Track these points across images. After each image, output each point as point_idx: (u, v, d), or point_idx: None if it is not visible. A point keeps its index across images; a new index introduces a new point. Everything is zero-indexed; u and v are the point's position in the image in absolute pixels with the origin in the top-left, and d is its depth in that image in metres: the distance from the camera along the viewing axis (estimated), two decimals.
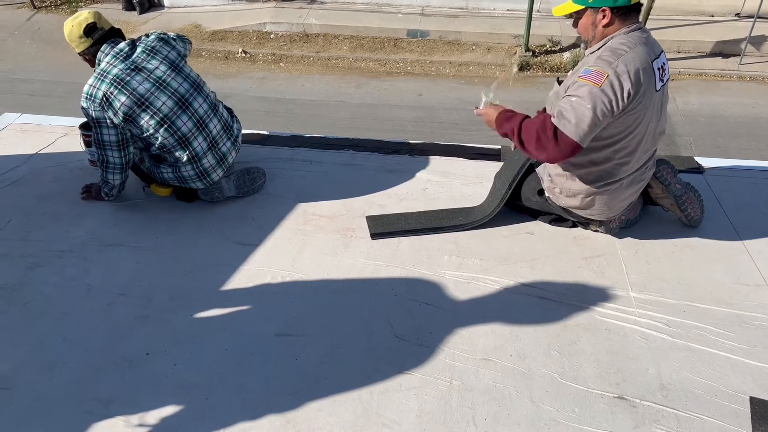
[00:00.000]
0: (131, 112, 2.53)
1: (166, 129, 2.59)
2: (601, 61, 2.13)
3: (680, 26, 10.31)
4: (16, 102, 9.18)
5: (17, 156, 3.19)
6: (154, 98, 2.56)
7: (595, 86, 2.09)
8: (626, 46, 2.14)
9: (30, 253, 2.55)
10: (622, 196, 2.38)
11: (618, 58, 2.11)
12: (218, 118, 2.78)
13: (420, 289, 2.33)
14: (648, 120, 2.24)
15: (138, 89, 2.53)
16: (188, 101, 2.65)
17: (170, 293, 2.34)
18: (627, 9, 2.17)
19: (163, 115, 2.57)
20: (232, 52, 10.97)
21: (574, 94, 2.13)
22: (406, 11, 11.54)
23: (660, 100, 2.27)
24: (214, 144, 2.75)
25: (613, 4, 2.15)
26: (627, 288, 2.31)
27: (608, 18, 2.17)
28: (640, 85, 2.12)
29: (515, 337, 2.12)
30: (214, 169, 2.78)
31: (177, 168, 2.71)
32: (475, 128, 8.49)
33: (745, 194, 2.82)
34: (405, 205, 2.81)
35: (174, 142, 2.63)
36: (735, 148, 7.89)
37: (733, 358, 2.02)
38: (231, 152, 2.85)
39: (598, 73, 2.11)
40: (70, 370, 2.03)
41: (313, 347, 2.09)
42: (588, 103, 2.09)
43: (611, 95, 2.09)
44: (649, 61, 2.15)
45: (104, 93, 2.51)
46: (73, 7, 12.56)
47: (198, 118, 2.67)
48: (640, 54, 2.14)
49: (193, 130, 2.66)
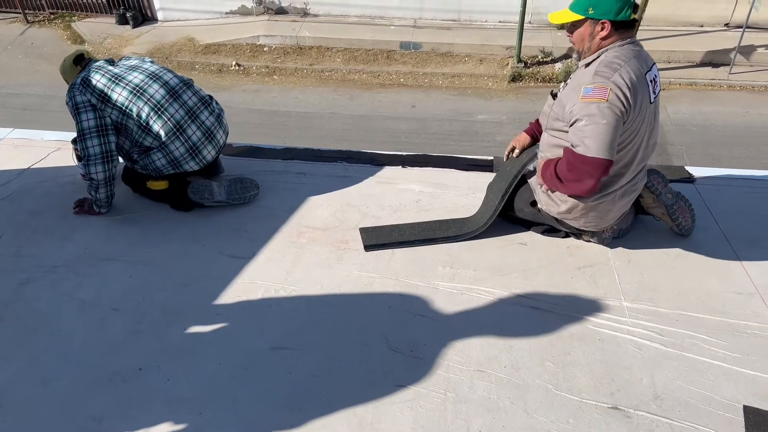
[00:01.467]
0: (107, 89, 2.67)
1: (139, 97, 2.69)
2: (598, 77, 2.15)
3: (670, 36, 10.43)
4: (9, 116, 9.18)
5: (9, 171, 3.19)
6: (127, 74, 2.75)
7: (602, 101, 2.11)
8: (620, 60, 2.17)
9: (22, 268, 2.54)
10: (615, 206, 2.39)
11: (614, 72, 2.13)
12: (192, 92, 2.86)
13: (414, 300, 2.34)
14: (643, 132, 2.26)
15: (112, 70, 2.76)
16: (158, 75, 2.80)
17: (163, 307, 2.33)
18: (625, 24, 2.19)
19: (135, 85, 2.71)
20: (226, 65, 11.01)
21: (584, 116, 2.15)
22: (398, 23, 11.62)
23: (653, 111, 2.30)
24: (193, 115, 2.80)
25: (614, 18, 2.16)
26: (620, 298, 2.32)
27: (607, 31, 2.19)
28: (636, 98, 2.14)
29: (509, 347, 2.12)
30: (204, 144, 2.82)
31: (167, 150, 2.75)
32: (467, 139, 8.53)
33: (736, 203, 2.84)
34: (398, 217, 2.81)
35: (150, 111, 2.69)
36: (727, 156, 7.96)
37: (727, 367, 2.02)
38: (217, 128, 2.89)
39: (601, 89, 2.12)
40: (63, 385, 2.01)
41: (307, 360, 2.09)
42: (601, 119, 2.11)
43: (619, 105, 2.11)
44: (643, 74, 2.18)
45: (83, 78, 2.71)
46: (67, 21, 12.58)
47: (170, 88, 2.78)
48: (634, 67, 2.16)
49: (167, 97, 2.75)
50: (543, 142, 2.51)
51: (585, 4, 2.20)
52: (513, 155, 2.73)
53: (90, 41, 11.84)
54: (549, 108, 2.43)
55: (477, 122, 9.06)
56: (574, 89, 2.24)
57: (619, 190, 2.35)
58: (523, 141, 2.71)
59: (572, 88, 2.26)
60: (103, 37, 11.90)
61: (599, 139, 2.13)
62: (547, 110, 2.46)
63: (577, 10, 2.22)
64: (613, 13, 2.16)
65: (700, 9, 10.45)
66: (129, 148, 2.80)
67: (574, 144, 2.20)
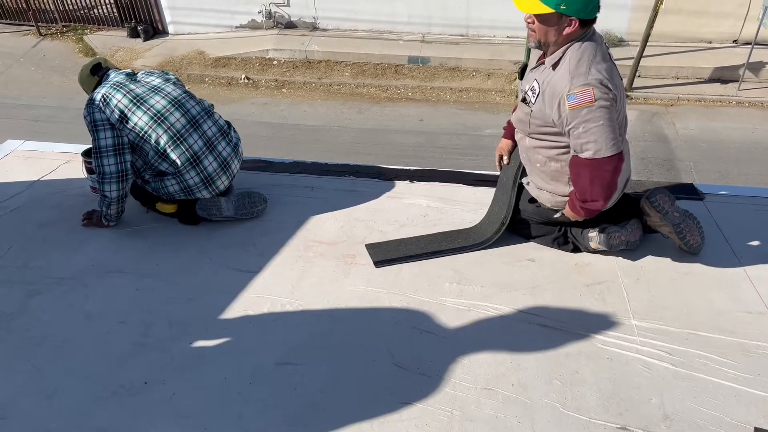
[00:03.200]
0: (127, 111, 2.64)
1: (159, 125, 2.67)
2: (576, 81, 2.16)
3: (679, 53, 10.42)
4: (21, 127, 9.27)
5: (19, 183, 3.21)
6: (149, 97, 2.71)
7: (591, 105, 2.14)
8: (588, 54, 2.19)
9: (30, 280, 2.54)
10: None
11: (589, 67, 2.17)
12: (212, 121, 2.84)
13: (421, 316, 2.32)
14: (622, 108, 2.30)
15: (134, 90, 2.71)
16: (181, 102, 2.76)
17: (170, 320, 2.33)
18: (590, 22, 2.22)
19: (156, 111, 2.67)
20: (235, 78, 11.09)
21: (580, 123, 2.17)
22: (407, 38, 11.68)
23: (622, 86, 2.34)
24: (211, 146, 2.78)
25: (582, 16, 2.17)
26: (629, 316, 2.30)
27: (574, 28, 2.18)
28: (615, 82, 2.20)
29: (517, 366, 2.10)
30: (219, 175, 2.81)
31: (181, 178, 2.73)
32: (475, 153, 8.53)
33: (746, 221, 2.82)
34: (406, 231, 2.81)
35: (168, 139, 2.67)
36: (736, 173, 7.91)
37: (737, 388, 1.99)
38: (233, 159, 2.88)
39: (584, 92, 2.15)
40: (69, 398, 2.01)
41: (312, 376, 2.08)
42: (596, 121, 2.15)
43: (607, 98, 2.15)
44: (609, 56, 2.25)
45: (103, 95, 2.66)
46: (79, 34, 12.73)
47: (191, 117, 2.76)
48: (602, 54, 2.22)
49: (187, 127, 2.73)
50: (524, 146, 2.53)
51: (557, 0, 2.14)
52: (504, 163, 2.76)
53: (101, 54, 11.96)
54: (526, 116, 2.42)
55: (485, 136, 9.06)
56: (552, 96, 2.24)
57: None
58: (507, 147, 2.74)
59: (549, 96, 2.25)
60: (115, 50, 12.03)
61: (603, 138, 2.17)
62: (524, 117, 2.44)
63: (548, 3, 2.14)
64: (584, 12, 2.17)
65: (708, 26, 10.45)
66: (141, 167, 2.79)
67: (578, 151, 2.23)
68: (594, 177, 2.25)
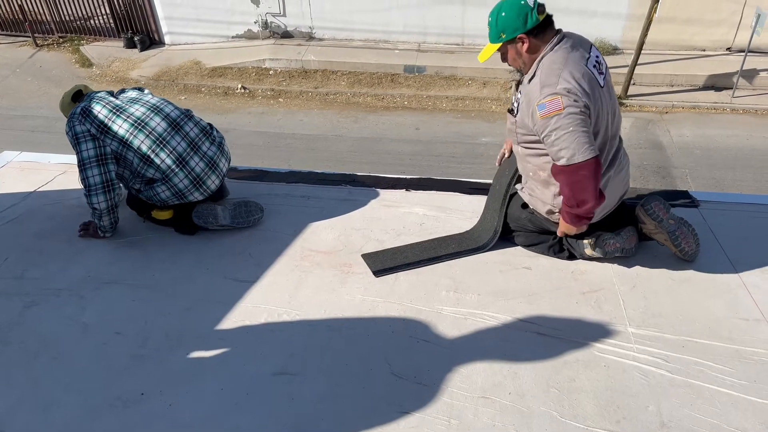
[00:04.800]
0: (107, 120, 2.67)
1: (141, 130, 2.69)
2: (546, 90, 2.19)
3: (673, 60, 10.49)
4: (18, 138, 9.26)
5: (15, 194, 3.21)
6: (128, 106, 2.74)
7: (560, 112, 2.16)
8: (557, 63, 2.21)
9: (26, 291, 2.54)
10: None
11: (557, 77, 2.19)
12: (193, 123, 2.85)
13: (418, 325, 2.32)
14: (605, 114, 2.30)
15: (113, 101, 2.76)
16: (159, 108, 2.79)
17: (166, 331, 2.32)
18: (540, 26, 2.24)
19: (136, 118, 2.70)
20: (232, 88, 11.12)
21: (551, 131, 2.20)
22: (403, 47, 11.74)
23: (608, 93, 2.33)
24: (195, 147, 2.79)
25: (525, 30, 2.22)
26: (625, 323, 2.30)
27: (527, 43, 2.25)
28: (586, 93, 2.19)
29: (514, 374, 2.10)
30: (207, 174, 2.81)
31: (171, 182, 2.74)
32: (470, 161, 8.56)
33: (742, 228, 2.83)
34: (402, 240, 2.81)
35: (151, 144, 2.68)
36: (731, 179, 7.95)
37: (734, 395, 2.00)
38: (219, 157, 2.89)
39: (552, 101, 2.18)
40: (65, 411, 2.00)
41: (310, 386, 2.07)
42: (566, 128, 2.17)
43: (577, 104, 2.16)
44: (584, 64, 2.23)
45: (83, 107, 2.71)
46: (75, 45, 12.75)
47: (171, 120, 2.77)
48: (573, 63, 2.21)
49: (169, 130, 2.74)
50: (517, 154, 2.58)
51: (496, 33, 2.29)
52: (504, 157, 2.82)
53: (98, 64, 11.98)
54: (512, 125, 2.49)
55: (481, 145, 9.10)
56: (528, 106, 2.30)
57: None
58: (510, 146, 2.78)
59: (526, 105, 2.32)
60: (111, 61, 12.06)
61: (575, 143, 2.17)
62: (511, 127, 2.51)
63: (493, 41, 2.31)
64: (522, 27, 2.22)
65: (702, 33, 10.53)
66: (130, 177, 2.78)
67: (555, 158, 2.25)
68: (572, 183, 2.25)
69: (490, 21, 2.30)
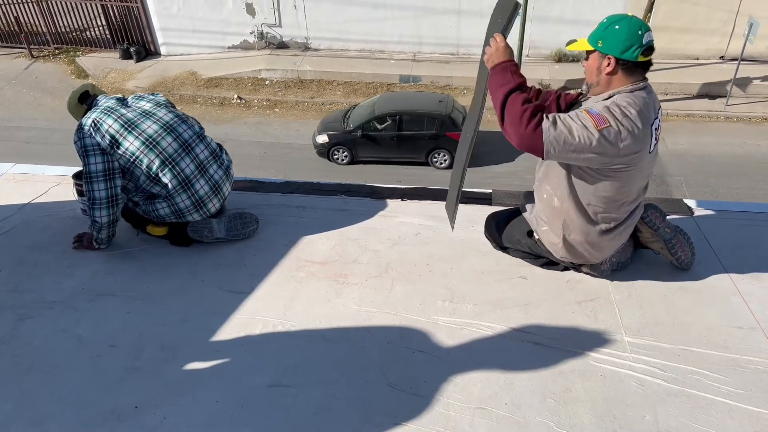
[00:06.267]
0: (118, 136, 2.63)
1: (151, 150, 2.66)
2: (608, 112, 2.11)
3: (667, 69, 10.55)
4: (13, 149, 9.25)
5: (10, 206, 3.20)
6: (141, 121, 2.69)
7: (594, 127, 2.07)
8: (633, 108, 2.12)
9: (20, 304, 2.52)
10: (610, 243, 2.40)
11: (624, 117, 2.09)
12: (205, 144, 2.84)
13: (413, 336, 2.32)
14: (638, 178, 2.26)
15: (126, 115, 2.69)
16: (173, 126, 2.75)
17: (161, 343, 2.31)
18: (632, 64, 2.16)
19: (147, 136, 2.67)
20: (228, 99, 11.14)
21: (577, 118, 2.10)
22: (398, 57, 11.78)
23: (651, 160, 2.28)
24: (203, 169, 2.78)
25: (618, 56, 2.14)
26: (621, 332, 2.30)
27: (612, 68, 2.16)
28: (635, 151, 2.13)
29: (510, 384, 2.10)
30: (210, 198, 2.81)
31: (172, 201, 2.73)
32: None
33: (736, 236, 2.84)
34: (398, 249, 2.81)
35: (160, 163, 2.67)
36: (725, 187, 7.98)
37: (730, 404, 2.00)
38: (224, 182, 2.88)
39: (603, 119, 2.09)
40: (59, 424, 1.99)
41: (305, 398, 2.06)
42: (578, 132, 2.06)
43: (603, 146, 2.08)
44: (650, 124, 2.16)
45: (94, 120, 2.65)
46: (71, 56, 12.77)
47: (183, 141, 2.75)
48: (643, 118, 2.13)
49: (180, 151, 2.72)
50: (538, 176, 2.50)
51: (597, 37, 2.19)
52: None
53: (94, 75, 11.99)
54: None
55: (475, 153, 9.12)
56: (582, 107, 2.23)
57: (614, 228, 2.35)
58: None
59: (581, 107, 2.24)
60: (107, 71, 12.08)
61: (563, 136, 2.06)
62: None
63: (590, 41, 2.21)
64: (618, 51, 2.13)
65: (695, 42, 10.61)
66: (132, 189, 2.78)
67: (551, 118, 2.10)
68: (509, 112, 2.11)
69: (603, 22, 2.20)
